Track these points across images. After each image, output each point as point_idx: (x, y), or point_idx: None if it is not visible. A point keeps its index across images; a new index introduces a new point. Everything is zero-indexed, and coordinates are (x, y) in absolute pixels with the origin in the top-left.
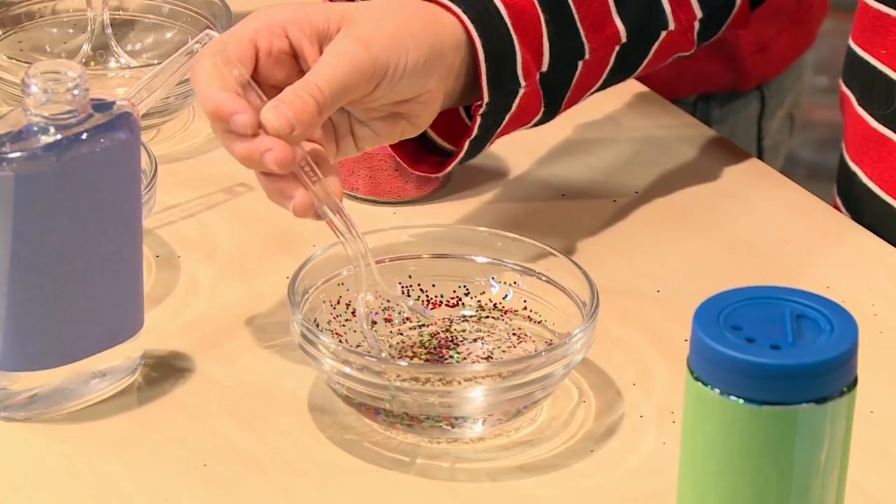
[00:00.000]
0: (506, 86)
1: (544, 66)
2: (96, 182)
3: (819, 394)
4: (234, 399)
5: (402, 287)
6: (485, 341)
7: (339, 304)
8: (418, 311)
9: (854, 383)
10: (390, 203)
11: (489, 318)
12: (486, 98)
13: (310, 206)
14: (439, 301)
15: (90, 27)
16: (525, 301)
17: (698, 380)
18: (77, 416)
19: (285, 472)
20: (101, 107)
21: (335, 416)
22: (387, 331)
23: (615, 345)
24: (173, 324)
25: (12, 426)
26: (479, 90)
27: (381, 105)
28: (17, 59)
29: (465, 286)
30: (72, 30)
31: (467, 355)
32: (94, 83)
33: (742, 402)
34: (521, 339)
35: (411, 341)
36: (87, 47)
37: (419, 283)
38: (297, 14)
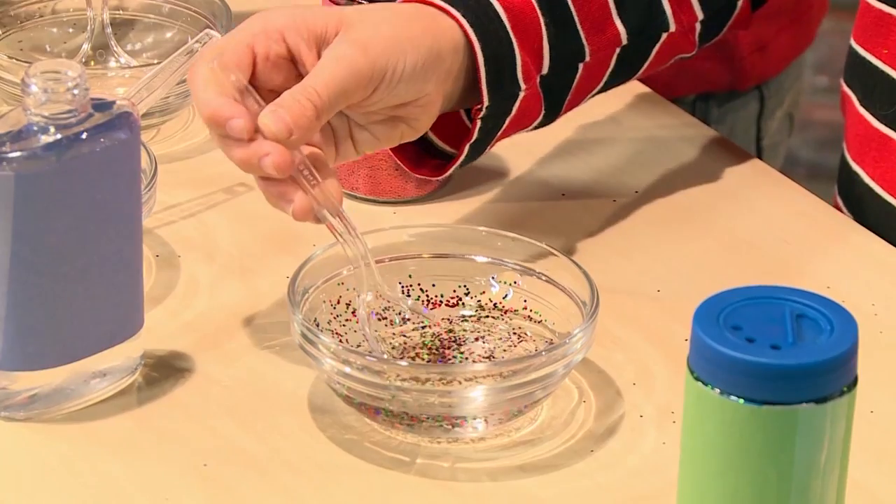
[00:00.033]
0: (505, 89)
1: (544, 69)
2: (96, 182)
3: (819, 394)
4: (234, 399)
5: (403, 287)
6: (485, 341)
7: (339, 303)
8: (419, 312)
9: (854, 383)
10: (390, 203)
11: (489, 317)
12: (485, 102)
13: (309, 209)
14: (439, 301)
15: (90, 27)
16: (525, 301)
17: (698, 380)
18: (77, 416)
19: (285, 472)
20: (101, 106)
21: (335, 416)
22: (389, 332)
23: (615, 344)
24: (173, 324)
25: (12, 426)
26: (479, 94)
27: (380, 109)
28: (17, 59)
29: (465, 286)
30: (72, 29)
31: (469, 355)
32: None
33: (742, 401)
34: (522, 339)
35: (413, 342)
36: (87, 47)
37: (419, 283)
38: (295, 18)
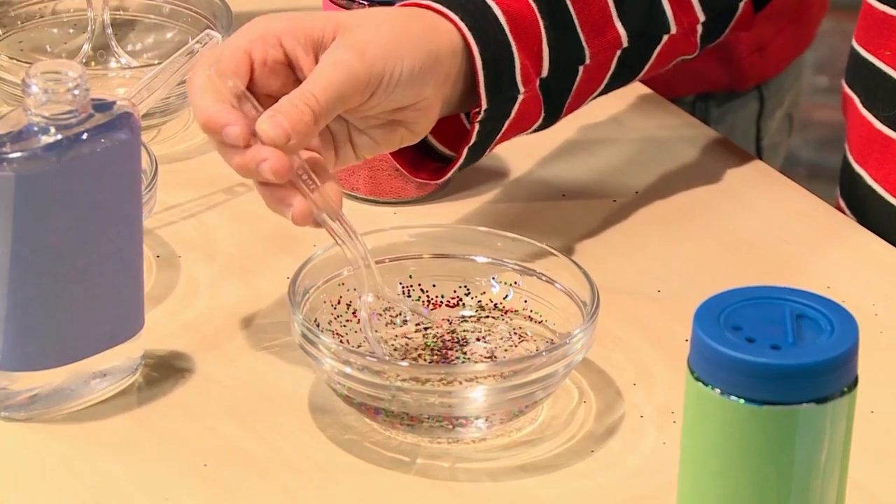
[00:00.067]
0: (504, 92)
1: (544, 72)
2: (97, 182)
3: (819, 394)
4: (234, 399)
5: (403, 287)
6: (486, 341)
7: (339, 304)
8: (419, 313)
9: (854, 383)
10: (390, 203)
11: (489, 318)
12: (484, 105)
13: (309, 214)
14: (440, 301)
15: (90, 27)
16: (525, 301)
17: (699, 380)
18: (77, 416)
19: (285, 472)
20: (102, 107)
21: (335, 416)
22: (391, 333)
23: (615, 345)
24: (173, 324)
25: (12, 426)
26: (478, 97)
27: (379, 113)
28: (18, 59)
29: (465, 286)
30: (72, 30)
31: (470, 355)
32: (94, 83)
33: (742, 402)
34: (522, 339)
35: (414, 344)
36: (88, 47)
37: (419, 284)
38: (292, 23)
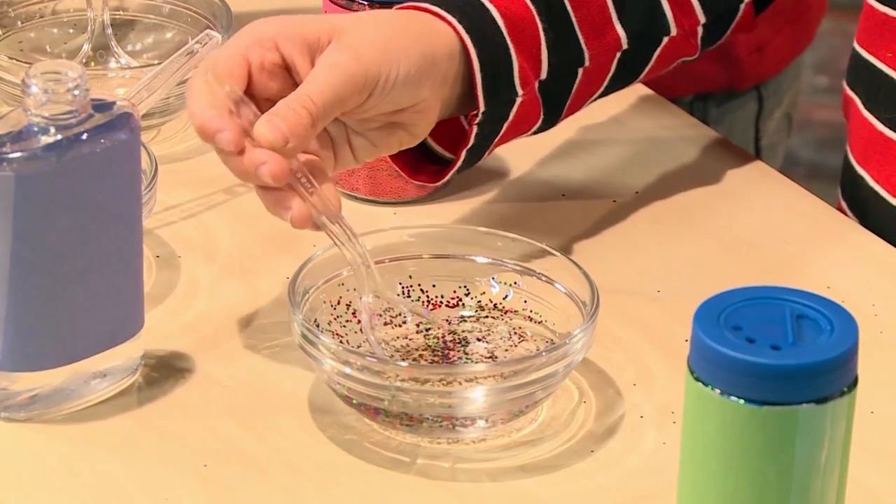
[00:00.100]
0: (502, 94)
1: (543, 74)
2: (96, 182)
3: (819, 394)
4: (234, 399)
5: (403, 287)
6: (486, 341)
7: (339, 304)
8: (419, 313)
9: (854, 383)
10: (390, 203)
11: (489, 318)
12: (481, 107)
13: (307, 217)
14: (440, 301)
15: (90, 27)
16: (525, 301)
17: (698, 380)
18: (77, 417)
19: (285, 472)
20: (102, 107)
21: (335, 416)
22: (393, 334)
23: (615, 345)
24: (173, 324)
25: (12, 426)
26: (476, 99)
27: (376, 115)
28: (18, 60)
29: (465, 286)
30: (72, 30)
31: (471, 356)
32: (94, 83)
33: (742, 402)
34: (523, 339)
35: (415, 344)
36: (88, 47)
37: (419, 284)
38: (288, 27)
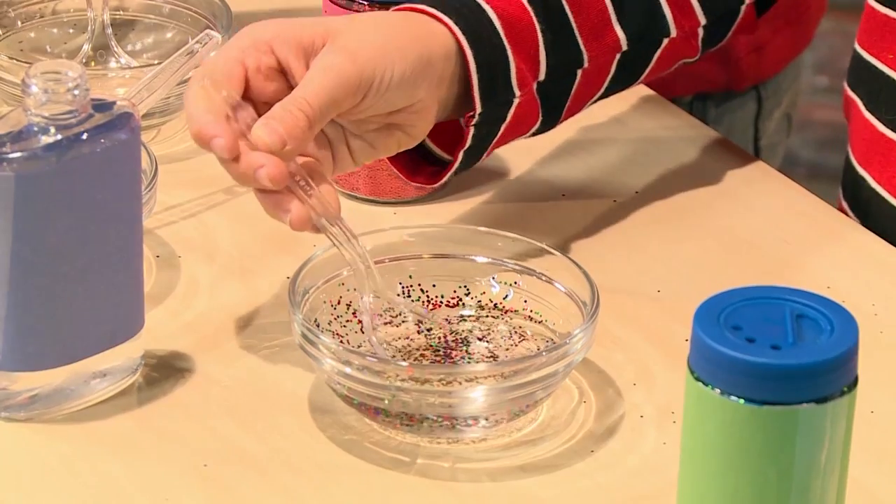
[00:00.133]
0: (499, 96)
1: (541, 76)
2: (96, 182)
3: (819, 394)
4: (234, 399)
5: (403, 287)
6: (486, 341)
7: (339, 304)
8: (419, 314)
9: (854, 383)
10: (390, 203)
11: (489, 317)
12: (478, 108)
13: (307, 219)
14: (440, 301)
15: (90, 27)
16: (525, 301)
17: (699, 380)
18: (77, 417)
19: (285, 472)
20: (102, 107)
21: (335, 416)
22: (394, 335)
23: (615, 344)
24: (173, 324)
25: (12, 426)
26: (472, 100)
27: (373, 116)
28: (18, 60)
29: (465, 286)
30: (72, 30)
31: (472, 355)
32: (94, 83)
33: (742, 402)
34: (523, 338)
35: (416, 345)
36: (88, 47)
37: (419, 284)
38: (283, 31)
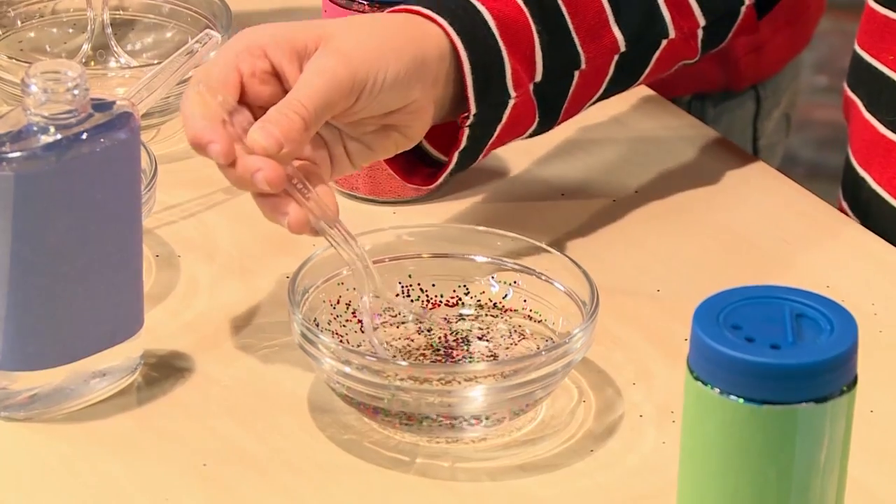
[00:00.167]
0: (494, 96)
1: (538, 77)
2: (96, 182)
3: (819, 393)
4: (234, 399)
5: (402, 287)
6: (486, 340)
7: (339, 303)
8: (418, 314)
9: (854, 382)
10: (390, 203)
11: (489, 317)
12: (472, 109)
13: (305, 221)
14: (439, 301)
15: (90, 27)
16: (525, 300)
17: (698, 379)
18: (77, 416)
19: (285, 471)
20: (101, 107)
21: (335, 415)
22: (396, 334)
23: (615, 344)
24: (173, 323)
25: (12, 426)
26: (466, 101)
27: (370, 118)
28: (17, 59)
29: (464, 286)
30: (72, 30)
31: (473, 355)
32: (94, 83)
33: (742, 401)
34: (523, 338)
35: (416, 344)
36: (87, 47)
37: (419, 283)
38: (276, 35)
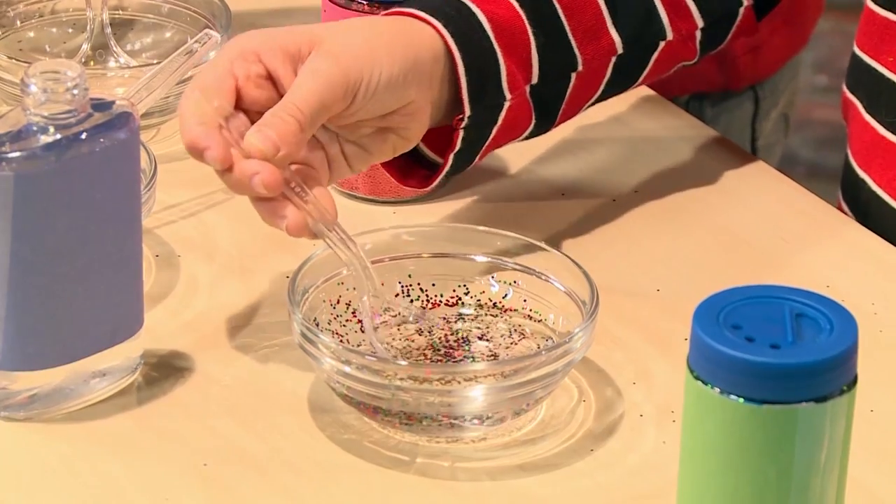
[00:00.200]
0: (489, 99)
1: (534, 79)
2: (96, 182)
3: (819, 393)
4: (234, 399)
5: (402, 286)
6: (486, 340)
7: (338, 303)
8: (418, 314)
9: (854, 382)
10: (390, 202)
11: (489, 316)
12: (466, 111)
13: (303, 224)
14: (439, 301)
15: (90, 27)
16: (525, 300)
17: (698, 379)
18: (77, 416)
19: (285, 472)
20: (101, 106)
21: (335, 415)
22: (396, 335)
23: (615, 344)
24: (173, 323)
25: (12, 426)
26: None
27: (367, 121)
28: (17, 59)
29: (464, 285)
30: (71, 29)
31: (473, 354)
32: (93, 83)
33: (742, 401)
34: (523, 337)
35: (417, 344)
36: (87, 47)
37: (419, 283)
38: (269, 40)
